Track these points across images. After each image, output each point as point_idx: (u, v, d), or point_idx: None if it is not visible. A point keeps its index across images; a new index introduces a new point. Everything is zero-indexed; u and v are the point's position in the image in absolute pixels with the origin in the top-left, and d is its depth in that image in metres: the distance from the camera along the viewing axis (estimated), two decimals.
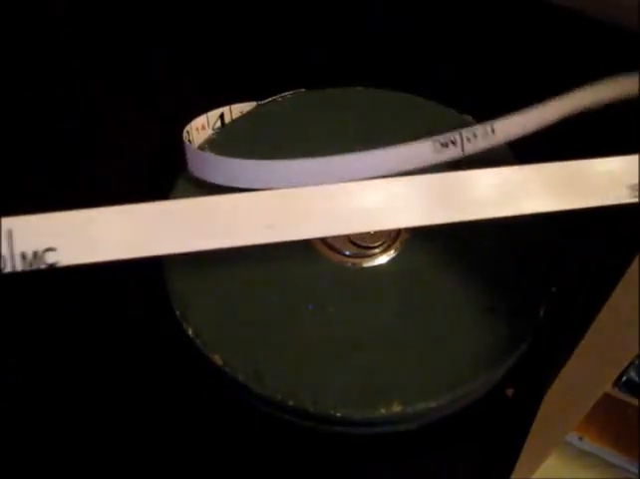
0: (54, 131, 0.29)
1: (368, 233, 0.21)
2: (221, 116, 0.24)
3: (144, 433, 0.21)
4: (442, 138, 0.21)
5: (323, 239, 0.21)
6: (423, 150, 0.20)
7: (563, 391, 0.19)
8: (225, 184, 0.21)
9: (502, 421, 0.21)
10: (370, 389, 0.18)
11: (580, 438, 0.18)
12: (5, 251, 0.16)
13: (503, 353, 0.19)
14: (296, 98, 0.25)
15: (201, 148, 0.23)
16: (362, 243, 0.21)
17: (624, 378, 0.16)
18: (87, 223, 0.17)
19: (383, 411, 0.18)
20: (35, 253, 0.16)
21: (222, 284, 0.20)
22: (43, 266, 0.16)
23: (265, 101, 0.25)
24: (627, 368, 0.15)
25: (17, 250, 0.16)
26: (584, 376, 0.17)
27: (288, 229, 0.18)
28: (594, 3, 0.32)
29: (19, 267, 0.16)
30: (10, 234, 0.16)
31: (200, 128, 0.24)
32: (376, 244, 0.21)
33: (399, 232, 0.21)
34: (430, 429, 0.19)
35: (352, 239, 0.21)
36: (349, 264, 0.21)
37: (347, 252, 0.21)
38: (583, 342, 0.18)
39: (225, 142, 0.24)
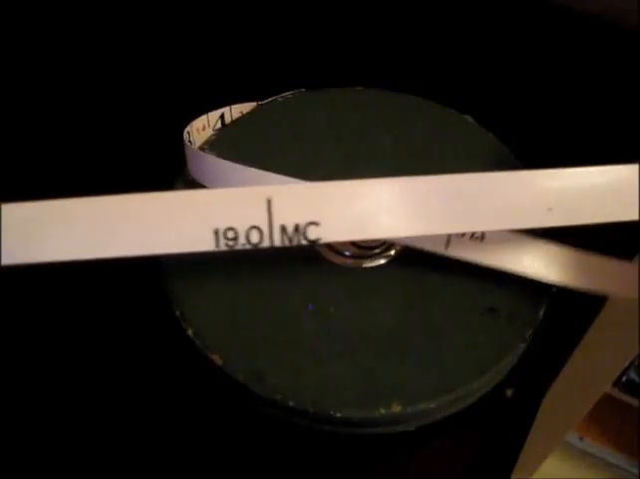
0: (54, 131, 0.29)
1: None
2: (222, 116, 0.24)
3: (143, 433, 0.21)
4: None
5: None
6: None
7: (563, 391, 0.19)
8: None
9: (502, 421, 0.21)
10: (370, 389, 0.18)
11: (580, 438, 0.18)
12: (263, 223, 0.14)
13: (503, 353, 0.19)
14: (296, 98, 0.25)
15: (201, 148, 0.23)
16: (362, 244, 0.21)
17: (624, 378, 0.16)
18: (355, 195, 0.15)
19: (383, 411, 0.18)
20: (296, 227, 0.14)
21: (222, 284, 0.20)
22: (304, 243, 0.14)
23: (265, 101, 0.25)
24: (627, 368, 0.15)
25: (276, 223, 0.14)
26: (584, 376, 0.17)
27: (567, 212, 0.15)
28: (594, 3, 0.32)
29: (278, 242, 0.14)
30: (269, 203, 0.14)
31: (201, 128, 0.24)
32: (376, 245, 0.21)
33: None
34: (429, 429, 0.19)
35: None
36: (349, 264, 0.21)
37: (347, 253, 0.21)
38: (583, 342, 0.18)
39: (225, 142, 0.24)
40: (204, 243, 0.14)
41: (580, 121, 0.30)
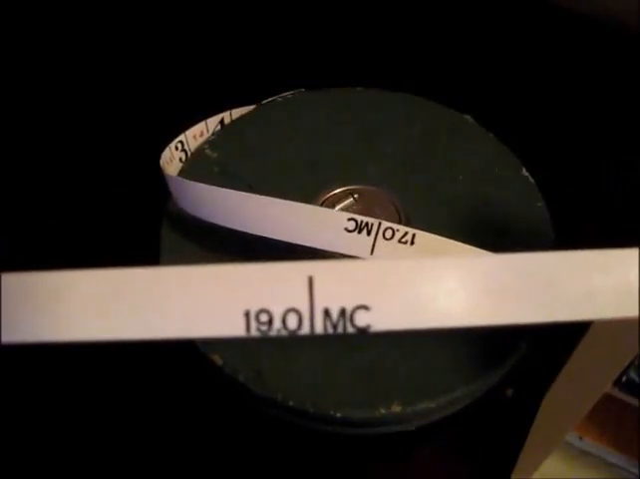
0: (52, 131, 0.29)
1: None
2: (221, 121, 0.24)
3: (143, 433, 0.21)
4: (359, 218, 0.19)
5: None
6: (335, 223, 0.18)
7: (563, 391, 0.19)
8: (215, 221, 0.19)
9: (502, 421, 0.21)
10: (370, 389, 0.18)
11: (580, 438, 0.18)
12: (302, 305, 0.12)
13: (503, 353, 0.19)
14: (296, 98, 0.25)
15: (201, 149, 0.23)
16: None
17: (624, 378, 0.16)
18: (413, 276, 0.13)
19: (383, 411, 0.18)
20: (342, 311, 0.12)
21: None
22: (351, 330, 0.12)
23: (265, 101, 0.25)
24: (627, 368, 0.15)
25: (319, 305, 0.12)
26: (584, 376, 0.17)
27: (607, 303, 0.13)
28: (594, 3, 0.32)
29: (319, 329, 0.12)
30: (311, 281, 0.12)
31: (199, 135, 0.23)
32: None
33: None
34: (429, 429, 0.19)
35: None
36: None
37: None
38: (583, 342, 0.18)
39: (224, 143, 0.24)
40: (233, 328, 0.12)
41: (580, 121, 0.30)
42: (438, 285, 0.13)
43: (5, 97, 0.30)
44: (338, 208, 0.22)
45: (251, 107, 0.25)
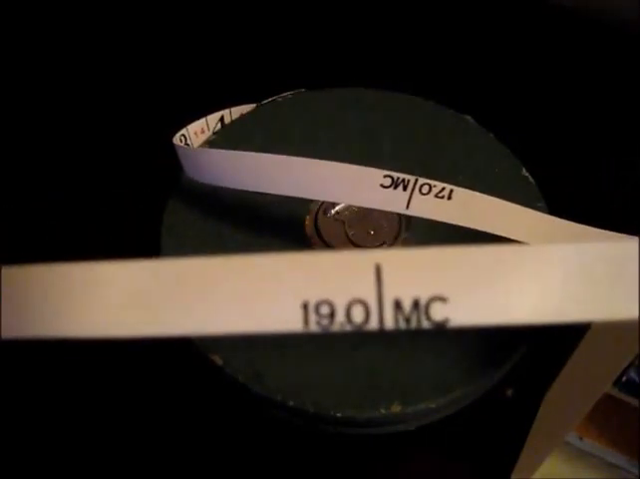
0: (52, 131, 0.29)
1: (368, 233, 0.21)
2: (221, 118, 0.24)
3: (143, 434, 0.21)
4: (395, 174, 0.18)
5: (322, 240, 0.21)
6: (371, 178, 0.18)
7: (563, 391, 0.19)
8: (232, 185, 0.20)
9: (502, 421, 0.21)
10: (370, 389, 0.18)
11: (580, 438, 0.18)
12: (369, 296, 0.11)
13: (503, 354, 0.19)
14: (296, 98, 0.25)
15: None
16: (362, 244, 0.21)
17: (624, 378, 0.16)
18: (496, 264, 0.11)
19: (383, 411, 0.18)
20: (416, 303, 0.11)
21: None
22: (426, 325, 0.11)
23: (265, 101, 0.25)
24: (627, 368, 0.15)
25: (388, 296, 0.11)
26: (584, 376, 0.17)
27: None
28: (594, 3, 0.32)
29: (390, 323, 0.11)
30: (378, 270, 0.11)
31: (200, 132, 0.23)
32: (376, 245, 0.21)
33: (398, 232, 0.21)
34: (430, 429, 0.19)
35: (352, 240, 0.21)
36: None
37: None
38: (583, 342, 0.18)
39: (225, 142, 0.24)
40: (289, 322, 0.11)
41: (580, 121, 0.30)
42: (527, 275, 0.11)
43: (5, 97, 0.30)
44: (337, 208, 0.22)
45: (251, 105, 0.25)
